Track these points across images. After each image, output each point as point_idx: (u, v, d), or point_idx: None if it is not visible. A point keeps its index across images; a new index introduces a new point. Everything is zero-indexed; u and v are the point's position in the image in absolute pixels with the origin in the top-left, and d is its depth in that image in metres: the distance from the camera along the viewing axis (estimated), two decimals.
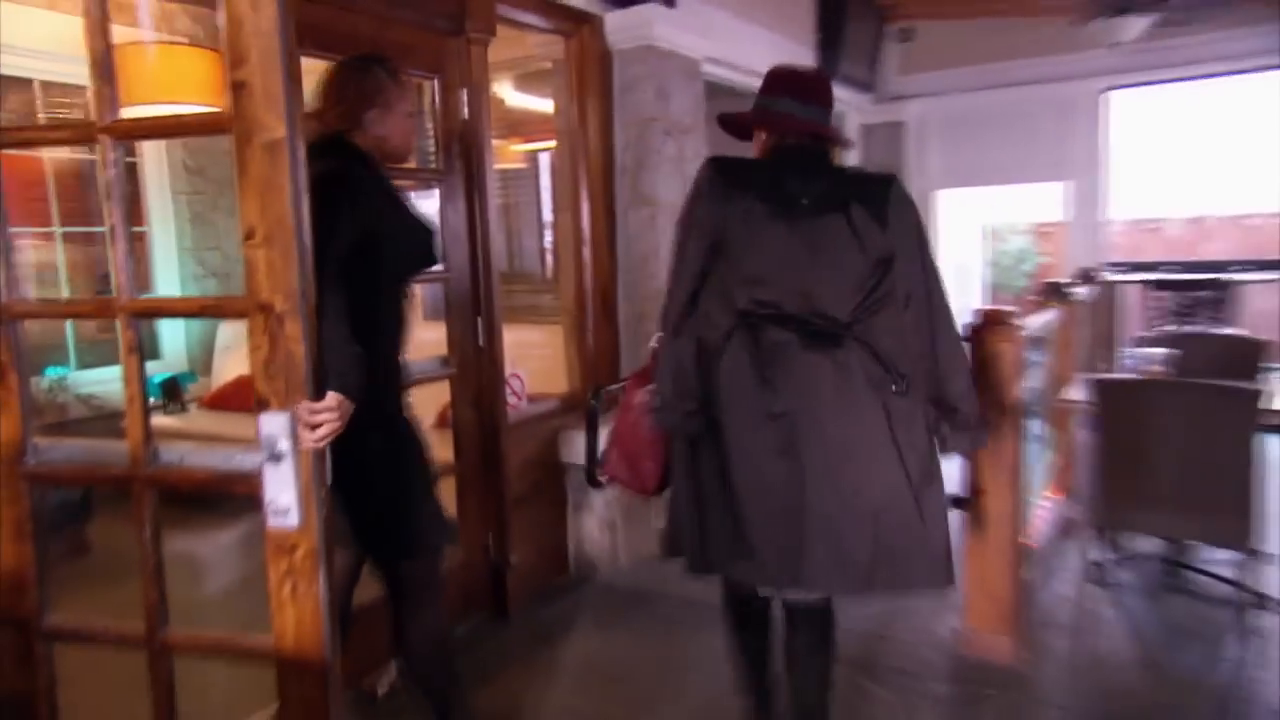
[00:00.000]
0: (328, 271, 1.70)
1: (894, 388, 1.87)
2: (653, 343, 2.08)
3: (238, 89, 1.43)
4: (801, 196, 1.87)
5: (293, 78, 1.46)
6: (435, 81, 2.95)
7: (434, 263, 2.13)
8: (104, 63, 1.53)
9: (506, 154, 6.00)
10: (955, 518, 2.87)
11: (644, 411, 1.95)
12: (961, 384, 1.95)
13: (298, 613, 1.57)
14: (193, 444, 1.73)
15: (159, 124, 3.00)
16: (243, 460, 1.56)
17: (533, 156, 5.95)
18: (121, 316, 1.57)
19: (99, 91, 1.53)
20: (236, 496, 1.59)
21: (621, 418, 2.04)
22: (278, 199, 1.45)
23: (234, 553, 3.96)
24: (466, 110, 3.01)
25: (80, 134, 1.61)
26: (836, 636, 2.13)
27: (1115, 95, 6.00)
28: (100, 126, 1.53)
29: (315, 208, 1.65)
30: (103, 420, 4.54)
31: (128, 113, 3.44)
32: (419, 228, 2.05)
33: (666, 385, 1.91)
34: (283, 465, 1.48)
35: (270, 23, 1.41)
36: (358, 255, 1.82)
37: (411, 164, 2.88)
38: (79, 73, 1.57)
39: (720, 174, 1.92)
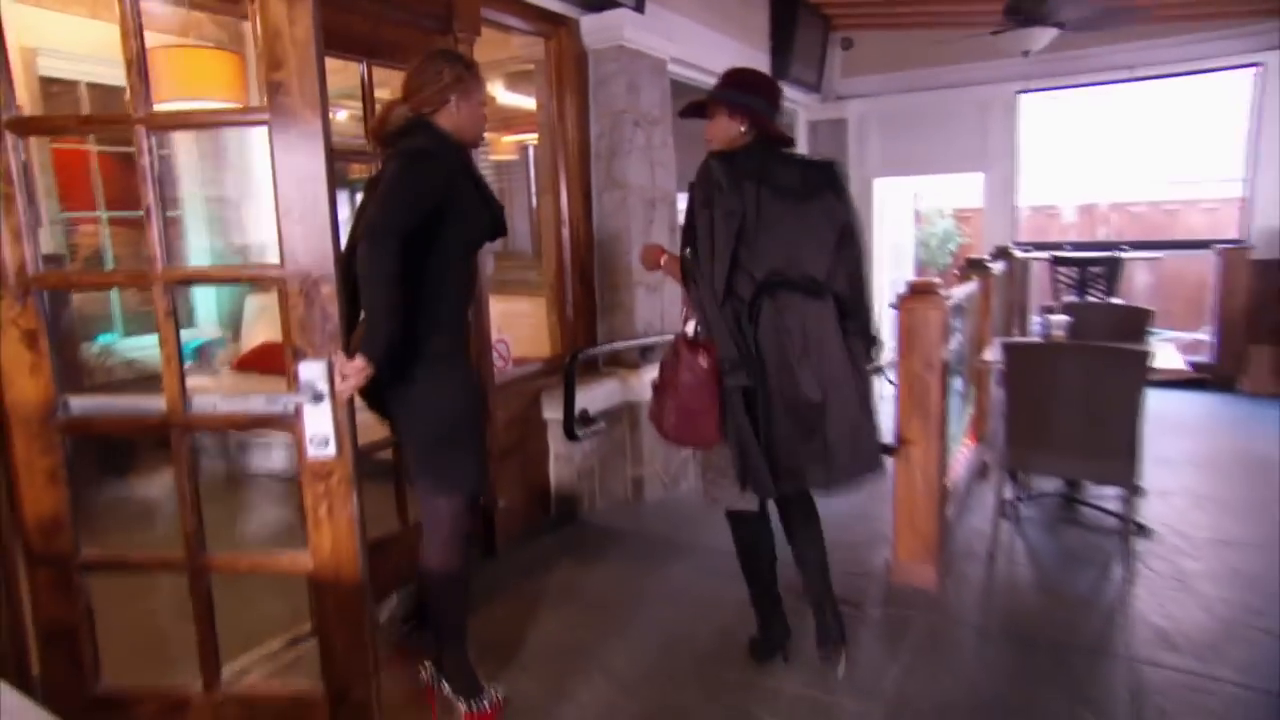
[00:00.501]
0: (391, 239, 1.67)
1: (848, 326, 2.05)
2: (690, 326, 2.06)
3: (275, 88, 1.46)
4: (791, 184, 1.98)
5: (321, 78, 1.49)
6: None
7: (501, 235, 2.02)
8: (139, 63, 1.53)
9: (500, 146, 5.80)
10: (886, 463, 2.83)
11: (711, 374, 1.94)
12: (873, 316, 2.18)
13: (334, 530, 1.59)
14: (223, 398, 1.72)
15: (195, 117, 2.82)
16: (271, 404, 1.60)
17: (524, 148, 5.75)
18: (157, 284, 1.58)
19: (134, 88, 1.53)
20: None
21: (685, 384, 1.96)
22: (314, 181, 1.48)
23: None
24: None
25: (120, 124, 1.57)
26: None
27: (1026, 98, 5.89)
28: (136, 118, 1.53)
29: (402, 177, 1.75)
30: (144, 381, 4.37)
31: (159, 109, 3.27)
32: (490, 202, 1.96)
33: (732, 351, 1.93)
34: (322, 405, 1.53)
35: (306, 33, 1.46)
36: (435, 224, 1.78)
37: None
38: (119, 75, 1.56)
39: (730, 168, 1.95)
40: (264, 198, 4.69)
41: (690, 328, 2.06)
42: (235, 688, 1.85)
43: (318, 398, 1.52)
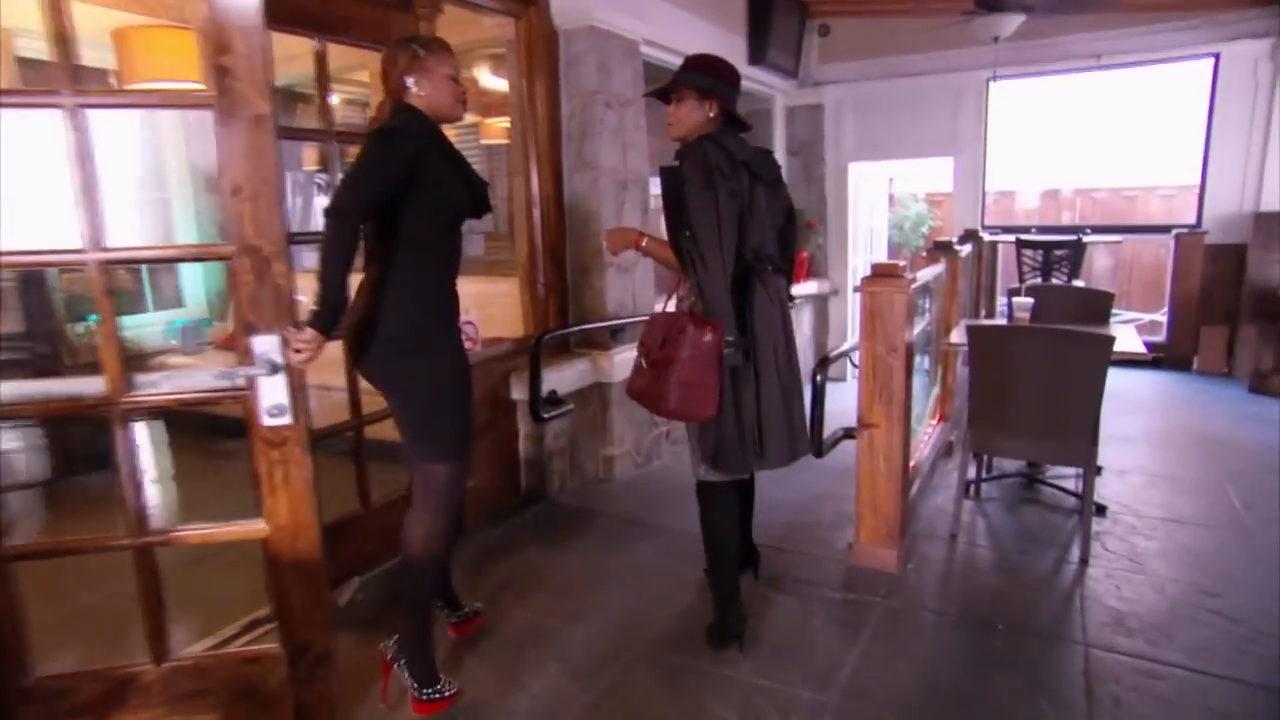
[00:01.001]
0: (350, 216, 1.65)
1: (791, 301, 2.12)
2: (673, 304, 2.06)
3: (222, 72, 1.42)
4: (763, 169, 2.00)
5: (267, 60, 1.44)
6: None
7: (482, 213, 1.93)
8: (64, 40, 1.44)
9: (490, 130, 5.50)
10: (849, 446, 2.66)
11: (715, 351, 1.88)
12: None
13: (290, 494, 1.56)
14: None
15: (133, 99, 2.58)
16: (219, 380, 1.56)
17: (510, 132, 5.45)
18: (92, 264, 1.50)
19: (62, 64, 1.44)
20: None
21: (688, 360, 1.89)
22: (264, 162, 1.45)
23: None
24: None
25: (48, 100, 1.47)
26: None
27: (997, 85, 5.64)
28: (67, 94, 1.44)
29: (363, 155, 1.73)
30: (128, 360, 4.13)
31: (137, 87, 3.01)
32: (470, 179, 1.88)
33: (734, 328, 1.91)
34: (277, 376, 1.51)
35: (255, 18, 1.42)
36: (404, 198, 1.74)
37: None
38: (98, 56, 1.45)
39: (727, 153, 1.92)
40: None
41: (676, 306, 2.03)
42: (185, 658, 1.70)
43: (273, 369, 1.50)
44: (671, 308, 2.07)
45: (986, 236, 5.06)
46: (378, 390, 1.90)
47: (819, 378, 2.73)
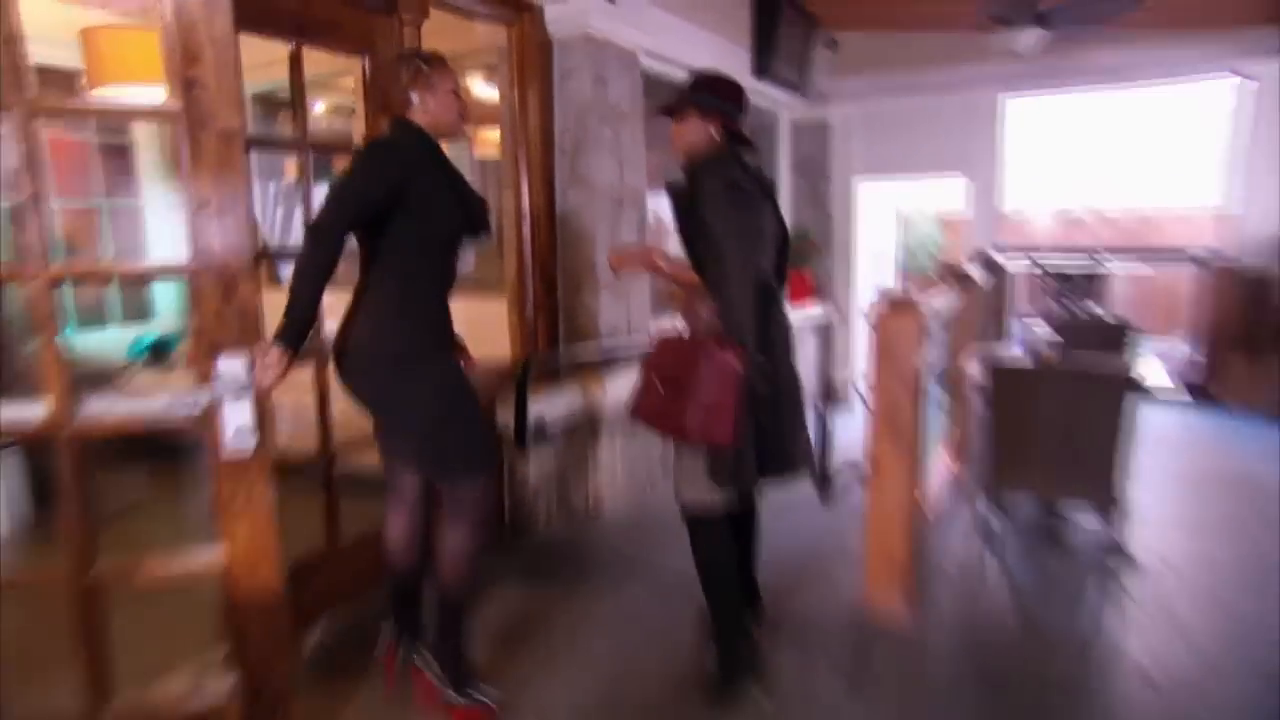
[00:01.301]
0: (332, 233, 1.68)
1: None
2: (705, 322, 2.02)
3: (190, 84, 1.41)
4: (769, 190, 2.09)
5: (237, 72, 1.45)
6: (365, 60, 2.46)
7: (480, 233, 1.95)
8: (10, 44, 1.40)
9: (484, 142, 5.47)
10: (858, 488, 2.59)
11: (738, 372, 1.89)
12: None
13: (252, 519, 1.55)
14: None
15: (93, 108, 2.52)
16: (176, 403, 1.52)
17: None
18: (38, 281, 1.44)
19: (6, 71, 1.39)
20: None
21: (709, 381, 1.89)
22: (233, 176, 1.45)
23: None
24: None
25: None
26: None
27: (1012, 101, 5.64)
28: (12, 102, 1.39)
29: (350, 169, 1.75)
30: (86, 380, 4.05)
31: (105, 92, 2.97)
32: (467, 198, 1.89)
33: (758, 350, 1.94)
34: (244, 398, 1.49)
35: (225, 29, 1.41)
36: (392, 215, 1.76)
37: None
38: (67, 56, 1.44)
39: (747, 173, 2.01)
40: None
41: (688, 326, 2.04)
42: (129, 704, 1.62)
43: (239, 391, 1.49)
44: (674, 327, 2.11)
45: (1000, 259, 5.03)
46: (371, 413, 1.91)
47: (824, 409, 2.67)
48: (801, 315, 5.29)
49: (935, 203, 8.31)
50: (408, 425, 1.86)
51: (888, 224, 6.90)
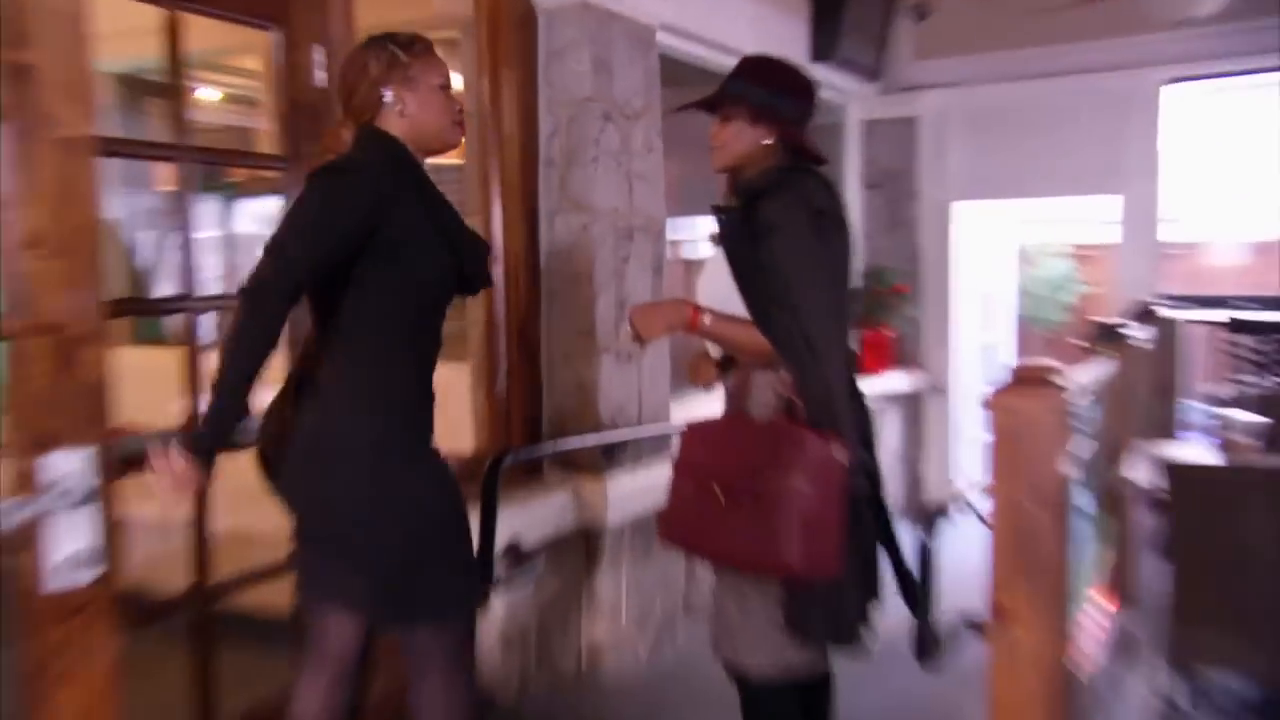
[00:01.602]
0: (275, 296, 1.71)
1: None
2: (775, 403, 2.06)
3: (20, 74, 1.44)
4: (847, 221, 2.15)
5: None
6: (276, 35, 2.57)
7: (477, 287, 2.06)
8: None
9: None
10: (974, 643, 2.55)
11: (844, 470, 1.92)
12: None
13: (88, 689, 1.56)
14: None
15: None
16: None
17: None
18: None
19: None
20: None
21: (807, 491, 1.89)
22: (80, 204, 1.51)
23: None
24: (323, 76, 2.64)
25: None
26: None
27: (1177, 89, 5.73)
28: None
29: (295, 209, 1.84)
30: None
31: None
32: (455, 241, 1.92)
33: (857, 440, 1.98)
34: (80, 511, 1.49)
35: (71, 2, 1.48)
36: (355, 263, 1.78)
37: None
38: None
39: (830, 195, 2.07)
40: None
41: (741, 407, 2.08)
42: None
43: (76, 502, 1.49)
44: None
45: (1169, 312, 5.03)
46: (314, 529, 1.91)
47: (922, 527, 2.67)
48: (879, 389, 5.30)
49: (1070, 232, 8.43)
50: (372, 550, 1.86)
51: (1002, 261, 6.99)
